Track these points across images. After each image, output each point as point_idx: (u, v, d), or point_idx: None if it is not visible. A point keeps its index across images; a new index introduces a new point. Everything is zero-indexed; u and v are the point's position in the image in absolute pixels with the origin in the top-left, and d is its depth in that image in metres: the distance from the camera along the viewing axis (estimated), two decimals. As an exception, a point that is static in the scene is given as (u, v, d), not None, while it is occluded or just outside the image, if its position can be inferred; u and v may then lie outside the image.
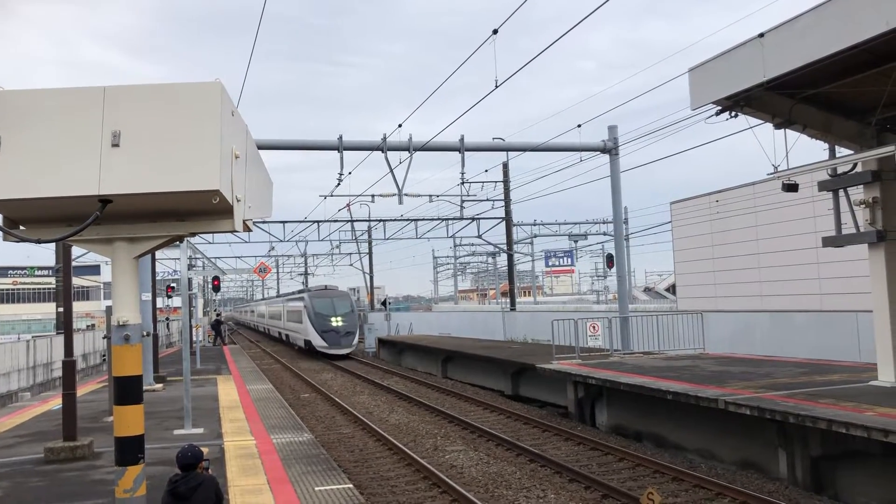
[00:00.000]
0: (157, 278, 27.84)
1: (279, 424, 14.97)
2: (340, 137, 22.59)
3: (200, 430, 14.24)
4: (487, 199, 35.30)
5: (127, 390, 4.76)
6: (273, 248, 54.12)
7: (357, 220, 41.11)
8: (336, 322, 39.66)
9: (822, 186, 14.26)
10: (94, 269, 74.29)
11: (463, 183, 25.84)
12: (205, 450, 6.10)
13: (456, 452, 15.19)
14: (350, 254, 56.90)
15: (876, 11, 9.79)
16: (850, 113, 13.55)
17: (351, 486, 10.09)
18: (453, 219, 38.59)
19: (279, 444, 12.91)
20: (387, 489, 12.50)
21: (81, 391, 19.50)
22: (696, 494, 11.54)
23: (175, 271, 53.93)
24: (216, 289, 40.46)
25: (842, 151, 13.92)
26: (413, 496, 12.03)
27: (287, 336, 51.23)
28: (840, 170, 13.95)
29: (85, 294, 78.49)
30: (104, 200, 4.35)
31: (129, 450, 4.70)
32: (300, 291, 49.93)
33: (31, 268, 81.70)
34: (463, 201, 32.02)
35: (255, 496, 9.53)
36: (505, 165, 38.16)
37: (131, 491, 4.67)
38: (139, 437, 4.75)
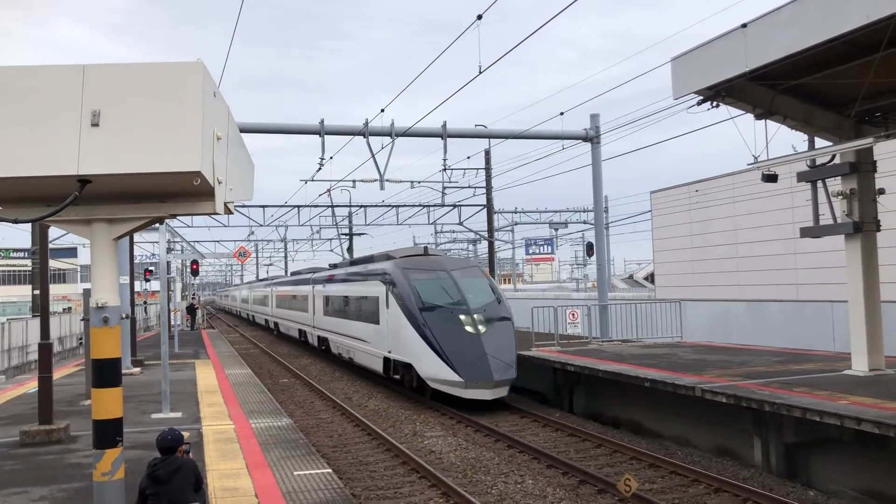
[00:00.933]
0: (134, 262, 27.61)
1: (258, 409, 14.93)
2: (322, 121, 22.45)
3: (178, 415, 14.17)
4: (469, 186, 35.26)
5: (105, 373, 4.72)
6: (253, 233, 53.71)
7: (338, 206, 40.89)
8: (475, 325, 18.33)
9: (801, 177, 14.39)
10: (71, 252, 73.58)
11: (445, 169, 25.83)
12: (185, 433, 6.08)
13: (434, 438, 15.24)
14: (330, 239, 56.67)
15: (856, 4, 9.86)
16: (829, 105, 13.66)
17: (330, 470, 10.09)
18: (434, 205, 38.56)
19: (258, 428, 12.88)
20: (365, 474, 12.52)
21: (58, 374, 19.33)
22: (673, 481, 11.67)
23: (153, 255, 53.53)
24: (195, 273, 40.25)
25: (821, 143, 14.05)
26: (392, 481, 12.06)
27: (323, 342, 30.38)
28: (818, 161, 14.07)
29: (61, 277, 77.70)
30: (83, 181, 4.30)
31: (108, 433, 4.67)
32: (364, 260, 26.70)
33: (6, 249, 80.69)
34: (444, 188, 32.01)
35: (233, 480, 9.51)
36: (487, 153, 38.13)
37: (109, 474, 4.64)
38: (117, 421, 4.72)
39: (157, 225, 6.49)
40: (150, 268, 42.04)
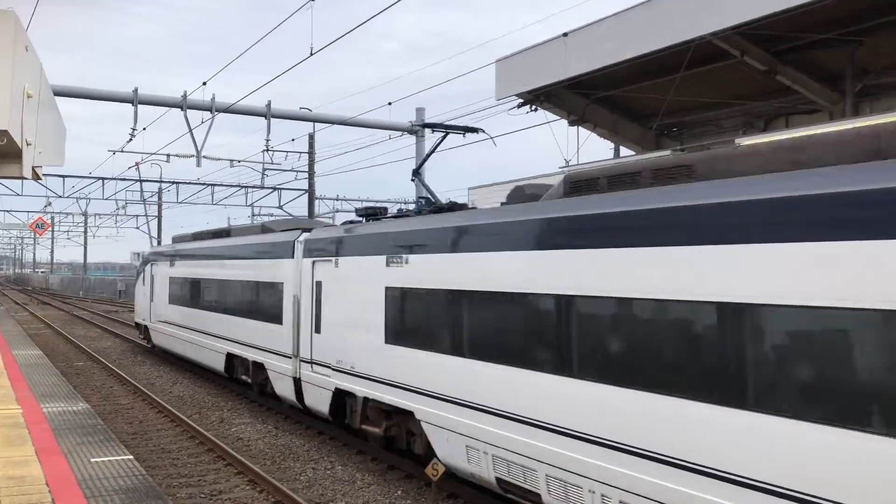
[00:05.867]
0: None
1: (50, 392, 13.91)
2: (136, 90, 21.21)
3: (-45, 398, 12.91)
4: (291, 170, 34.71)
5: None
6: (50, 204, 49.47)
7: (147, 181, 38.81)
8: None
9: (607, 183, 15.46)
10: None
11: (267, 150, 25.23)
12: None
13: (243, 425, 14.91)
14: (137, 216, 53.63)
15: (666, 27, 10.75)
16: (635, 117, 14.79)
17: (131, 457, 9.62)
18: (254, 187, 37.58)
19: (50, 413, 12.01)
20: (168, 462, 12.05)
21: None
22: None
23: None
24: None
25: (626, 153, 15.18)
26: (196, 468, 11.69)
27: None
28: (623, 169, 15.19)
29: None
30: None
31: None
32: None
33: None
34: (265, 169, 31.30)
35: (20, 468, 8.82)
36: (311, 137, 37.69)
37: None
38: None
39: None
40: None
